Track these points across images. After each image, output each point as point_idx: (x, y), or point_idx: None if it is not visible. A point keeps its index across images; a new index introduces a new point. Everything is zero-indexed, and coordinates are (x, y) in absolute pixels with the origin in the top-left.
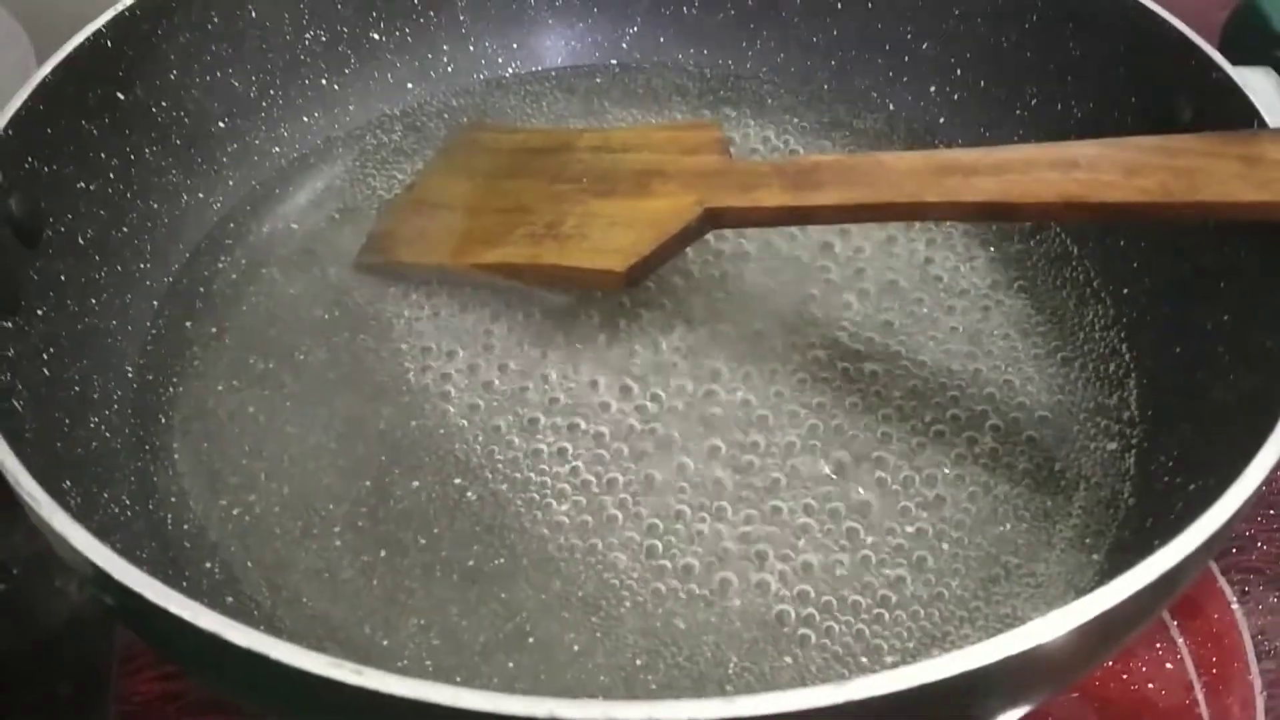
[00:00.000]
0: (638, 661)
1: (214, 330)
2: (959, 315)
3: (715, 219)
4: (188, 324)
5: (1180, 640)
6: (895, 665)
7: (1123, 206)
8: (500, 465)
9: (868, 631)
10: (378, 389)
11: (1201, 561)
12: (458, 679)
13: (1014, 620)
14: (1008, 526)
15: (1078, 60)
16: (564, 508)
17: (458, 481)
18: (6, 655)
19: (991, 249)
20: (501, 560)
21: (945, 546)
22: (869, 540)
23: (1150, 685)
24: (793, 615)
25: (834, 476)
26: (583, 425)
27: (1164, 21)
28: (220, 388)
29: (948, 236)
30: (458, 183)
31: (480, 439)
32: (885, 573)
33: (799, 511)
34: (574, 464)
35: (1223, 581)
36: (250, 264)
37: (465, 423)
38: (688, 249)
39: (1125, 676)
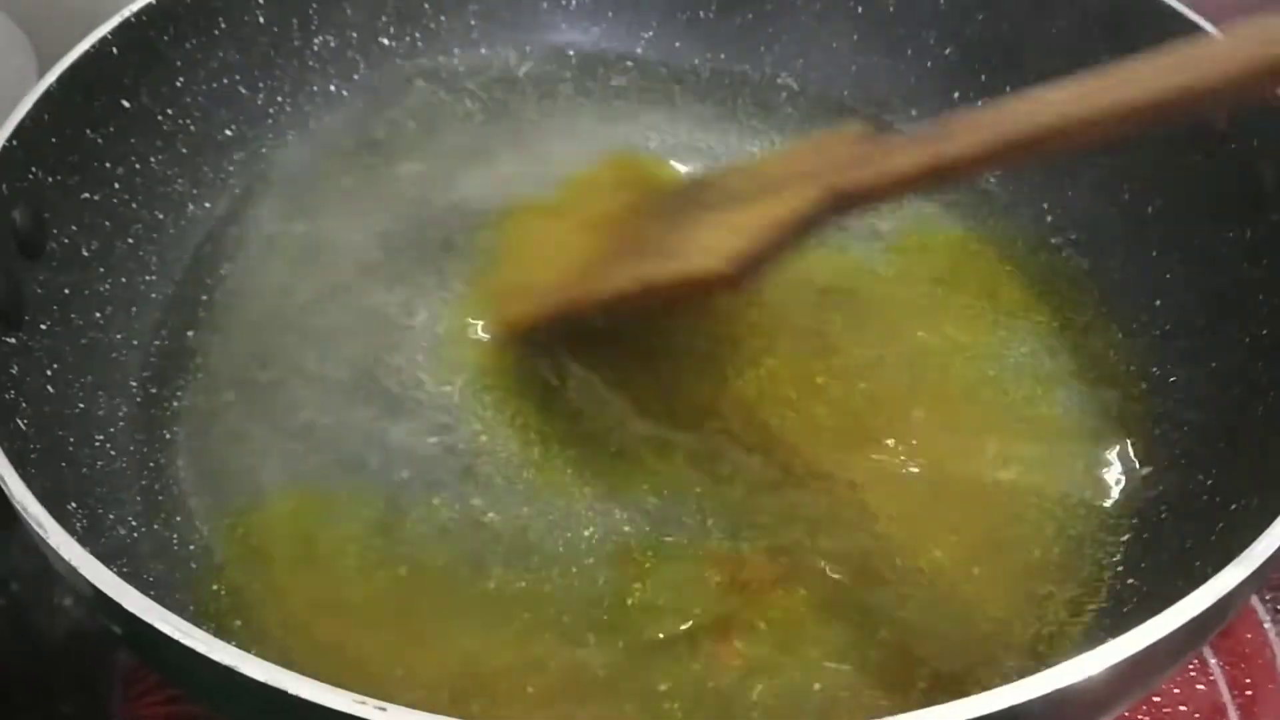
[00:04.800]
0: (661, 687)
1: (218, 340)
2: (977, 332)
3: (840, 200)
4: (190, 334)
5: (1213, 661)
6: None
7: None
8: (522, 483)
9: (898, 661)
10: (392, 401)
11: (1249, 591)
12: (474, 708)
13: (1049, 648)
14: (1037, 553)
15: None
16: (587, 532)
17: (476, 502)
18: (6, 672)
19: (1009, 255)
20: (524, 584)
21: (975, 571)
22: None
23: (1183, 707)
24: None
25: (848, 503)
26: (603, 444)
27: (1202, 31)
28: (225, 399)
29: (959, 248)
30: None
31: (501, 456)
32: (914, 600)
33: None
34: (599, 483)
35: (1255, 601)
36: (256, 270)
37: (485, 438)
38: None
39: (1158, 699)
